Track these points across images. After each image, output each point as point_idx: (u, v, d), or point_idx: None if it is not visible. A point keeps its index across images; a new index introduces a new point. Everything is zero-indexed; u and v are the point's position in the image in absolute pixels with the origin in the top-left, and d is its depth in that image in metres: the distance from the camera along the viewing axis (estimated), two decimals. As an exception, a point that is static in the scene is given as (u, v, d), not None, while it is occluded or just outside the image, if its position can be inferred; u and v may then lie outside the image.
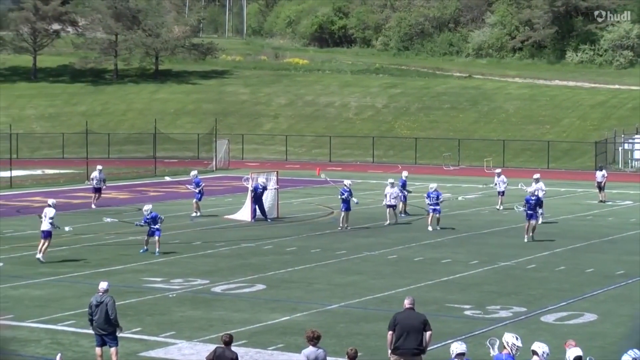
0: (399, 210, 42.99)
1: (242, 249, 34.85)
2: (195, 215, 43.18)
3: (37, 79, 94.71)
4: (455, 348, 15.48)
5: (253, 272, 30.17)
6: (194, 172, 45.69)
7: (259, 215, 42.22)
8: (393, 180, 42.65)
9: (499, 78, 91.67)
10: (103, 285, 19.93)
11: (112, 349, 19.58)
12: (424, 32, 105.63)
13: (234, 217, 42.92)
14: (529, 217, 36.67)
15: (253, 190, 42.12)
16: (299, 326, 22.84)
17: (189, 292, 27.33)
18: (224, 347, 16.58)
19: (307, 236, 38.06)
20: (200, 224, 41.22)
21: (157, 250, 33.14)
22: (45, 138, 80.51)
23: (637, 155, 69.81)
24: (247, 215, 42.34)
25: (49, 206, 32.32)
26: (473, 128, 79.80)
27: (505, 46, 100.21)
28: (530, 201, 36.77)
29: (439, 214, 39.74)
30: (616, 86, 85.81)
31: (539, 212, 38.35)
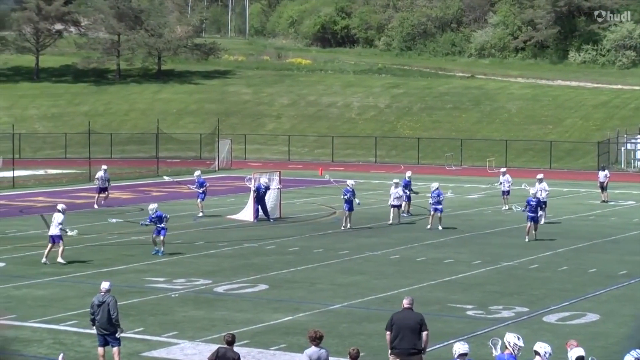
0: (402, 210, 42.97)
1: (244, 249, 34.85)
2: (200, 215, 43.17)
3: (40, 79, 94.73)
4: (458, 348, 15.48)
5: (255, 272, 30.17)
6: (197, 173, 45.66)
7: (261, 216, 42.23)
8: (398, 180, 42.67)
9: (501, 78, 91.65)
10: (105, 285, 19.94)
11: (114, 349, 19.59)
12: (426, 32, 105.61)
13: (236, 217, 42.92)
14: (530, 219, 36.74)
15: (255, 191, 42.12)
16: (302, 326, 22.84)
17: (191, 292, 27.33)
18: (227, 347, 16.59)
19: (309, 236, 38.06)
20: (203, 224, 41.23)
21: (162, 249, 33.14)
22: (48, 138, 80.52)
23: (640, 155, 69.88)
24: (249, 216, 42.33)
25: (58, 211, 31.97)
26: (475, 128, 79.77)
27: (508, 46, 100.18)
28: (531, 203, 36.81)
29: (440, 213, 39.75)
30: (619, 86, 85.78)
31: (540, 213, 38.41)
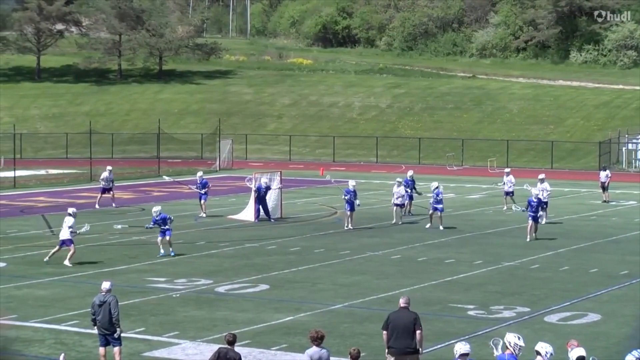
0: (404, 210, 42.94)
1: (245, 249, 34.85)
2: (202, 215, 43.12)
3: (41, 79, 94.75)
4: (459, 348, 15.46)
5: (257, 272, 30.16)
6: (200, 173, 45.56)
7: (262, 216, 42.22)
8: (401, 179, 42.70)
9: (502, 78, 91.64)
10: (106, 285, 19.93)
11: (115, 349, 19.58)
12: (427, 32, 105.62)
13: (237, 217, 42.92)
14: (531, 219, 36.83)
15: (256, 191, 42.11)
16: (303, 326, 22.84)
17: (192, 292, 27.33)
18: (228, 347, 16.57)
19: (310, 236, 38.05)
20: (204, 224, 41.23)
21: (171, 249, 32.96)
22: (49, 138, 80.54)
23: (641, 155, 69.85)
24: (250, 216, 42.33)
25: (69, 215, 31.76)
26: (477, 128, 79.75)
27: (509, 46, 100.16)
28: (532, 203, 36.87)
29: (441, 212, 39.76)
30: (620, 86, 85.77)
31: (541, 213, 38.46)
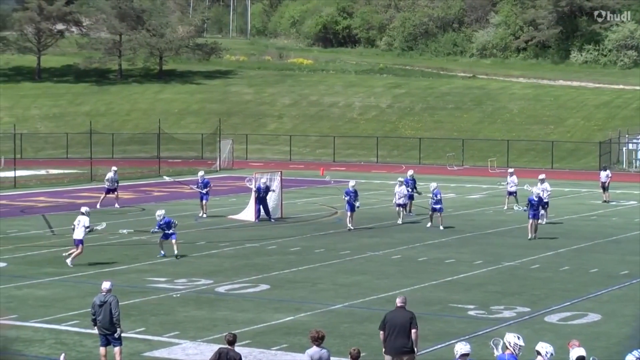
0: (406, 210, 42.92)
1: (246, 249, 34.84)
2: (203, 216, 43.09)
3: (41, 79, 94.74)
4: (460, 348, 15.45)
5: (257, 272, 30.16)
6: (201, 173, 45.48)
7: (263, 216, 42.22)
8: (402, 179, 42.72)
9: (503, 78, 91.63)
10: (106, 285, 19.93)
11: (115, 349, 19.59)
12: (428, 32, 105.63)
13: (238, 217, 42.92)
14: (532, 217, 37.02)
15: (256, 191, 42.11)
16: (303, 326, 22.84)
17: (193, 292, 27.33)
18: (228, 347, 16.57)
19: (311, 236, 38.04)
20: (205, 224, 41.22)
21: (176, 251, 32.69)
22: (50, 138, 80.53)
23: (641, 155, 69.84)
24: (251, 216, 42.33)
25: (82, 214, 31.63)
26: (477, 128, 79.74)
27: (510, 46, 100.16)
28: (533, 201, 37.10)
29: (440, 212, 39.80)
30: (620, 86, 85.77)
31: (541, 212, 38.56)
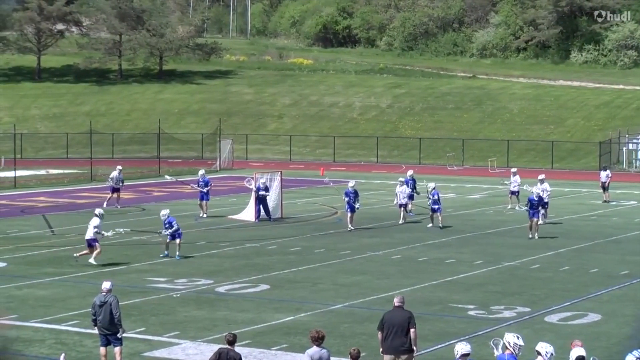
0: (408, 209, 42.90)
1: (246, 249, 34.84)
2: (203, 216, 43.06)
3: (42, 79, 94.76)
4: (460, 348, 15.43)
5: (257, 272, 30.16)
6: (201, 172, 45.42)
7: (263, 216, 42.23)
8: (403, 179, 42.73)
9: (503, 78, 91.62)
10: (106, 285, 19.92)
11: (116, 349, 19.58)
12: (428, 32, 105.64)
13: (238, 217, 42.92)
14: (531, 216, 37.19)
15: (256, 191, 42.12)
16: (303, 326, 22.84)
17: (193, 292, 27.33)
18: (228, 347, 16.57)
19: (311, 236, 38.04)
20: (205, 224, 41.21)
21: (178, 254, 32.56)
22: (50, 138, 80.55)
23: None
24: (251, 216, 42.34)
25: (96, 216, 31.63)
26: (477, 128, 79.74)
27: (510, 46, 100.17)
28: (533, 201, 37.26)
29: (440, 212, 39.85)
30: (620, 86, 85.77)
31: (541, 212, 38.64)
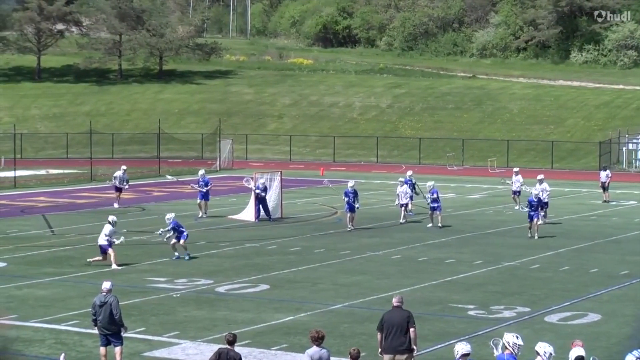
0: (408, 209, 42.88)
1: (246, 249, 34.85)
2: (203, 216, 43.05)
3: (42, 79, 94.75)
4: (460, 348, 15.42)
5: (257, 272, 30.16)
6: (201, 172, 45.39)
7: (262, 216, 42.23)
8: (402, 179, 42.73)
9: (503, 78, 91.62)
10: (106, 285, 19.93)
11: (116, 349, 19.59)
12: (428, 32, 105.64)
13: (238, 217, 42.92)
14: (530, 217, 37.23)
15: (255, 190, 42.09)
16: (303, 326, 22.84)
17: (193, 292, 27.33)
18: (228, 347, 16.57)
19: (311, 236, 38.04)
20: (205, 224, 41.20)
21: (186, 253, 32.37)
22: (50, 138, 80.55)
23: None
24: (251, 216, 42.34)
25: (109, 223, 31.50)
26: (477, 128, 79.74)
27: (510, 46, 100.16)
28: (532, 202, 37.26)
29: (439, 211, 39.86)
30: (620, 86, 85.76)
31: (541, 212, 38.68)
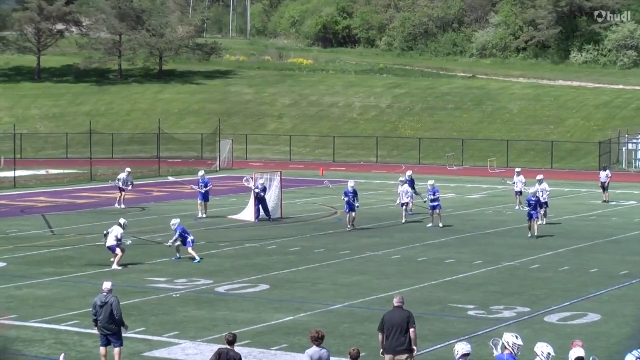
0: (408, 209, 42.86)
1: (246, 249, 34.85)
2: (203, 216, 43.05)
3: (41, 79, 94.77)
4: (460, 348, 15.42)
5: (257, 272, 30.16)
6: (201, 172, 45.42)
7: (262, 215, 42.23)
8: (403, 179, 42.74)
9: (502, 78, 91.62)
10: (107, 285, 19.93)
11: (115, 349, 19.59)
12: (427, 32, 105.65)
13: (237, 217, 42.93)
14: (529, 217, 37.35)
15: (255, 188, 42.11)
16: (303, 326, 22.85)
17: (192, 292, 27.33)
18: (228, 346, 16.57)
19: (310, 236, 38.04)
20: (204, 224, 41.21)
21: (196, 257, 32.17)
22: (49, 138, 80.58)
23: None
24: (250, 216, 42.34)
25: (119, 225, 31.46)
26: (477, 128, 79.75)
27: (509, 46, 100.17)
28: (531, 201, 37.42)
29: (439, 210, 39.89)
30: (620, 86, 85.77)
31: (541, 212, 38.76)
